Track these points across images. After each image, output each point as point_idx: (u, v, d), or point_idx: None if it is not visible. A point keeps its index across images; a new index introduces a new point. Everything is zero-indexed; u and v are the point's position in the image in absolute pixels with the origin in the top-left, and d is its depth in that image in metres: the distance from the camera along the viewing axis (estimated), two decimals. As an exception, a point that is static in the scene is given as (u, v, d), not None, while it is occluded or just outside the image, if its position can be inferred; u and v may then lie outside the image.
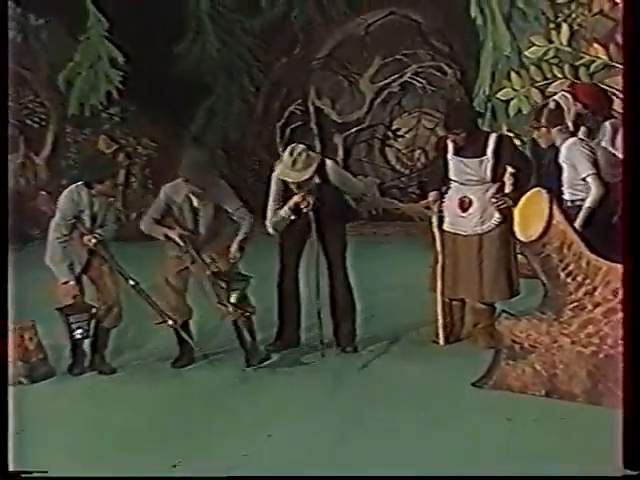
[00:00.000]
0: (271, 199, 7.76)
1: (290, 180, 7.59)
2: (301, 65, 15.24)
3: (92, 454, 5.99)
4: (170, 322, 7.49)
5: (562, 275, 6.72)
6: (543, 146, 7.83)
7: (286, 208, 7.61)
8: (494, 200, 7.66)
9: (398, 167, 15.06)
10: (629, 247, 5.28)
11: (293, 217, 7.62)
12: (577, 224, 7.22)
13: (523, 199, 7.04)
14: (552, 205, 6.73)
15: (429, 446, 5.85)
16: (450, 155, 7.81)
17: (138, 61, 13.61)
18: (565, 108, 8.06)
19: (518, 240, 7.09)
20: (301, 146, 7.66)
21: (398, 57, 14.73)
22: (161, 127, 14.18)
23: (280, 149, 13.77)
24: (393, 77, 14.77)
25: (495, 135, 7.90)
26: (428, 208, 8.02)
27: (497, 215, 7.66)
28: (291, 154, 7.53)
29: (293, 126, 15.18)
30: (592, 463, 5.41)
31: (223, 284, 7.41)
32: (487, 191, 7.73)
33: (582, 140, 7.71)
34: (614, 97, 9.86)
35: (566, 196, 7.60)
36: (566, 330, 6.65)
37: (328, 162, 7.82)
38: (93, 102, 13.87)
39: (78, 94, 13.88)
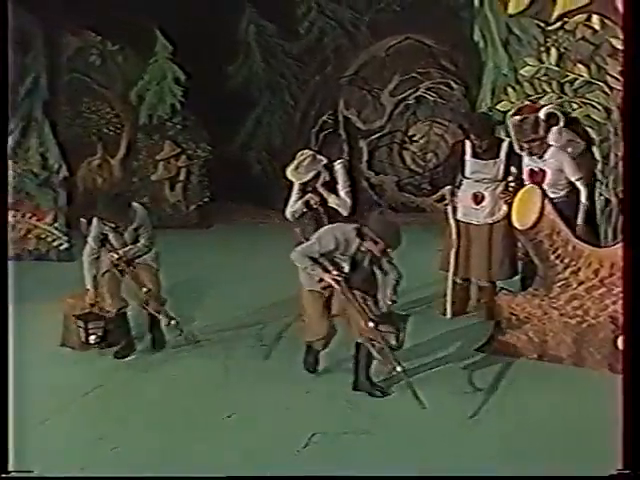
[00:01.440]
0: (293, 193, 7.53)
1: (293, 180, 7.44)
2: (332, 82, 15.17)
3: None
4: (173, 322, 7.18)
5: (552, 257, 6.71)
6: (536, 153, 7.68)
7: (300, 202, 7.47)
8: (502, 195, 7.63)
9: (413, 167, 14.94)
10: (629, 237, 5.24)
11: (305, 209, 7.49)
12: (579, 220, 7.16)
13: (519, 194, 7.04)
14: (544, 199, 6.74)
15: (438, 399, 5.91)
16: (468, 157, 7.80)
17: (197, 79, 13.61)
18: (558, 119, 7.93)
19: (515, 228, 7.06)
20: (308, 152, 7.49)
21: (413, 75, 14.62)
22: (216, 134, 14.17)
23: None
24: (409, 91, 14.65)
25: (508, 141, 7.86)
26: (439, 201, 7.97)
27: (504, 208, 7.59)
28: (298, 158, 7.39)
29: (325, 132, 15.11)
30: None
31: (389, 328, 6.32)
32: (497, 188, 7.70)
33: (562, 148, 7.59)
34: (592, 108, 9.76)
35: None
36: (555, 304, 6.63)
37: (336, 163, 7.60)
38: (160, 113, 13.84)
39: (147, 107, 13.86)
